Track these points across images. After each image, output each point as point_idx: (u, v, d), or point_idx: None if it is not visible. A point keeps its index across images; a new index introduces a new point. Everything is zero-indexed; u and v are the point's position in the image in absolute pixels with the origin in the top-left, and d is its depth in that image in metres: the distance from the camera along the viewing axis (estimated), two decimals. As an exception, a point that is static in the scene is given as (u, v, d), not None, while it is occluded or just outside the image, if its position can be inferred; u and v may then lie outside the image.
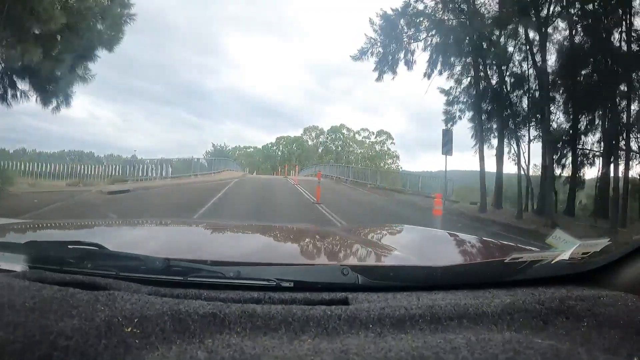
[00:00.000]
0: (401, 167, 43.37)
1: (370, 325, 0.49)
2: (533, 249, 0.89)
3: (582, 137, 10.91)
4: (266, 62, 70.23)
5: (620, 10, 8.94)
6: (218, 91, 68.45)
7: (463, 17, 11.30)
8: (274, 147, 53.77)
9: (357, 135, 51.85)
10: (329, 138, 52.59)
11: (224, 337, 0.45)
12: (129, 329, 0.43)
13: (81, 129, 59.81)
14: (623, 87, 9.01)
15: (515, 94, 11.45)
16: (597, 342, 0.49)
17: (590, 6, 9.29)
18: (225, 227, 1.52)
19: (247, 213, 8.04)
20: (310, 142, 52.77)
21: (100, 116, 65.28)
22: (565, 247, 0.68)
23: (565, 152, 11.06)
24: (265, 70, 71.05)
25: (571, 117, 10.81)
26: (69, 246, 0.65)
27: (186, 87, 68.54)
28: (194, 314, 0.47)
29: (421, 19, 11.91)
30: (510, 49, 11.20)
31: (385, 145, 51.98)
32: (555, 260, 0.66)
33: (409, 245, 1.18)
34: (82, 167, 13.66)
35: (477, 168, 11.35)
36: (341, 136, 52.14)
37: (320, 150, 51.87)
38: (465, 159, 68.55)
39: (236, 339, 0.45)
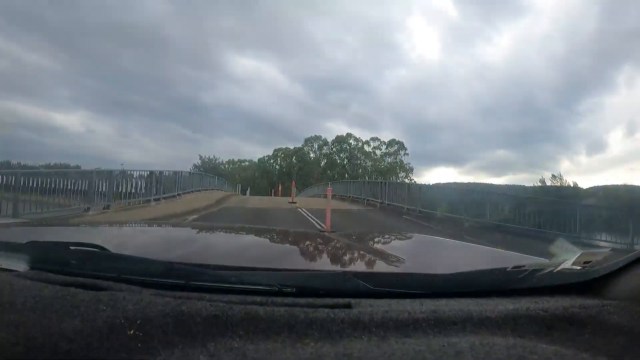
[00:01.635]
0: (414, 181, 36.09)
1: (374, 329, 0.50)
2: (536, 257, 0.90)
3: None
4: (263, 77, 64.28)
5: None
6: (215, 106, 63.78)
7: None
8: (271, 161, 46.36)
9: (365, 146, 44.59)
10: (334, 149, 45.25)
11: (227, 340, 0.46)
12: (132, 332, 0.44)
13: (77, 143, 53.56)
14: None
15: None
16: (602, 348, 0.51)
17: None
18: (227, 230, 1.54)
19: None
20: (312, 155, 45.31)
21: (97, 130, 58.81)
22: (568, 256, 0.71)
23: None
24: (262, 85, 65.00)
25: None
26: (71, 247, 0.66)
27: (182, 102, 63.01)
28: (197, 316, 0.48)
29: None
30: None
31: (397, 157, 44.71)
32: (557, 269, 0.68)
33: (412, 252, 1.19)
34: None
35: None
36: (348, 147, 44.75)
37: (323, 163, 44.36)
38: (449, 173, 59.29)
39: (239, 343, 0.46)
